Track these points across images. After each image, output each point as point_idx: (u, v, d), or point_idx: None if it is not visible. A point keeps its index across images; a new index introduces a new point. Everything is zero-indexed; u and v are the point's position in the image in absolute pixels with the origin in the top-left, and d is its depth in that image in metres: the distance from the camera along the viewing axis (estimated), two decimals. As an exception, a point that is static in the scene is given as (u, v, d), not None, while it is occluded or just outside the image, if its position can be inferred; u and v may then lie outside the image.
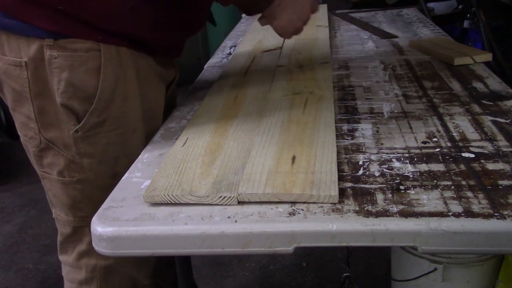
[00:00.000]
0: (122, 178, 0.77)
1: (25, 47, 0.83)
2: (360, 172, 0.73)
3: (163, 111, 1.02)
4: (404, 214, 0.62)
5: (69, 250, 1.01)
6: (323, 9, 1.97)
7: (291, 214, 0.63)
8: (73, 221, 0.97)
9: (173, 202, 0.67)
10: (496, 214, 0.60)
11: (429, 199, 0.64)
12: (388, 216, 0.61)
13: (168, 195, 0.66)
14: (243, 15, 2.19)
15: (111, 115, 0.88)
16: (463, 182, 0.68)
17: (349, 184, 0.69)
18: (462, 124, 0.87)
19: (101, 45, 0.85)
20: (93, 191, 0.93)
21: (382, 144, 0.82)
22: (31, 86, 0.86)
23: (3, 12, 0.82)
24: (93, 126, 0.88)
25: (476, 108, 0.94)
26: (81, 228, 0.97)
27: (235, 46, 1.59)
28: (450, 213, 0.61)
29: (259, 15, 1.08)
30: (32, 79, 0.85)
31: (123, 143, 0.92)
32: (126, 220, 0.65)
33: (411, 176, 0.71)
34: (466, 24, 2.64)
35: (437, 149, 0.78)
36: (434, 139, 0.82)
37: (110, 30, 0.85)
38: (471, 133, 0.84)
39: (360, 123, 0.91)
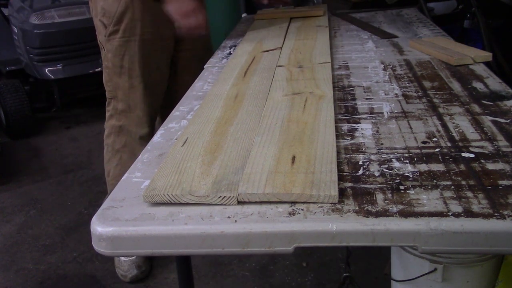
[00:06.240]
0: (122, 178, 0.77)
1: None
2: (360, 172, 0.73)
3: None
4: (404, 214, 0.62)
5: (106, 117, 1.74)
6: (323, 9, 1.97)
7: (291, 214, 0.63)
8: (107, 93, 1.70)
9: (172, 201, 0.67)
10: (496, 214, 0.60)
11: (429, 199, 0.64)
12: (388, 216, 0.61)
13: (167, 194, 0.66)
14: (243, 15, 2.19)
15: (121, 28, 1.59)
16: (463, 182, 0.68)
17: (349, 184, 0.69)
18: (462, 124, 0.87)
19: None
20: (112, 76, 1.64)
21: (382, 144, 0.82)
22: (92, 8, 1.64)
23: None
24: (111, 33, 1.60)
25: (476, 108, 0.94)
26: (110, 99, 1.70)
27: (235, 46, 1.59)
28: (450, 213, 0.61)
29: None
30: (92, 4, 1.64)
31: (127, 46, 1.61)
32: (126, 220, 0.65)
33: (411, 176, 0.71)
34: (466, 24, 2.63)
35: (437, 149, 0.78)
36: (434, 139, 0.82)
37: None
38: (471, 133, 0.84)
39: (360, 123, 0.91)
